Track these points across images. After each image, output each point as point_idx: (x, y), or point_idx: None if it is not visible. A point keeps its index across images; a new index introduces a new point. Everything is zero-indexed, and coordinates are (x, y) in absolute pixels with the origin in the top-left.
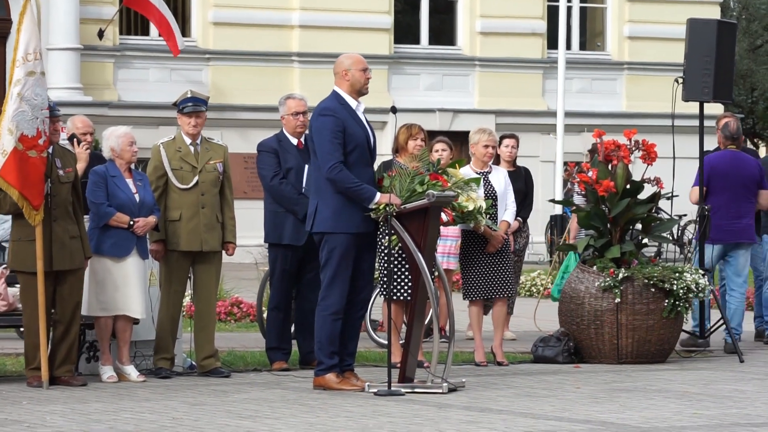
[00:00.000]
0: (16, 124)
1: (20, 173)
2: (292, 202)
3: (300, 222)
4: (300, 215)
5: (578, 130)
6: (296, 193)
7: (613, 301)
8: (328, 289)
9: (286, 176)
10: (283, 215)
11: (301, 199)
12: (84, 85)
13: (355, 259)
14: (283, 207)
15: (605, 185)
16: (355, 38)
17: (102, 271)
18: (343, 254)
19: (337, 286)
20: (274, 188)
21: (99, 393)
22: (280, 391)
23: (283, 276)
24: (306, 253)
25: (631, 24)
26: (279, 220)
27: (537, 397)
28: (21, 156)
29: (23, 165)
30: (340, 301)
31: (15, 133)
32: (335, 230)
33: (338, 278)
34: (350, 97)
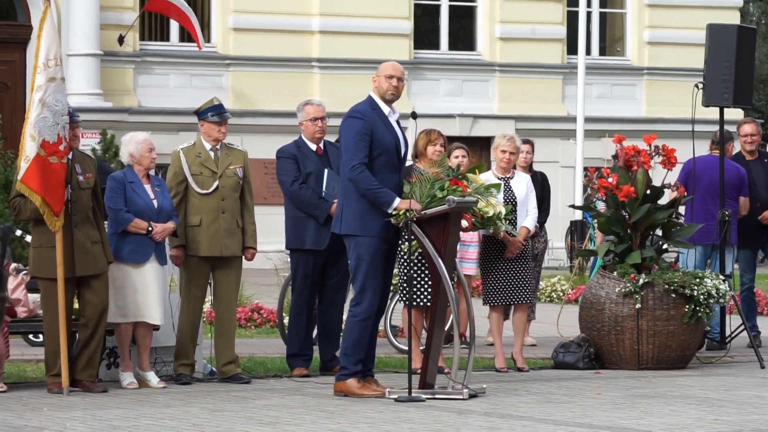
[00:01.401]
0: (38, 130)
1: (42, 179)
2: (312, 206)
3: (321, 226)
4: (321, 219)
5: (598, 136)
6: (316, 197)
7: (633, 306)
8: (361, 295)
9: (305, 181)
10: (305, 220)
11: (322, 204)
12: (104, 91)
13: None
14: (304, 212)
15: (625, 191)
16: (375, 44)
17: (121, 277)
18: (372, 259)
19: (369, 291)
20: (294, 194)
21: (119, 399)
22: (301, 398)
23: (306, 281)
24: (328, 257)
25: (650, 29)
26: (300, 226)
27: (557, 403)
28: (43, 162)
29: (45, 171)
30: (372, 307)
31: (37, 139)
32: (362, 233)
33: (370, 283)
34: (383, 102)
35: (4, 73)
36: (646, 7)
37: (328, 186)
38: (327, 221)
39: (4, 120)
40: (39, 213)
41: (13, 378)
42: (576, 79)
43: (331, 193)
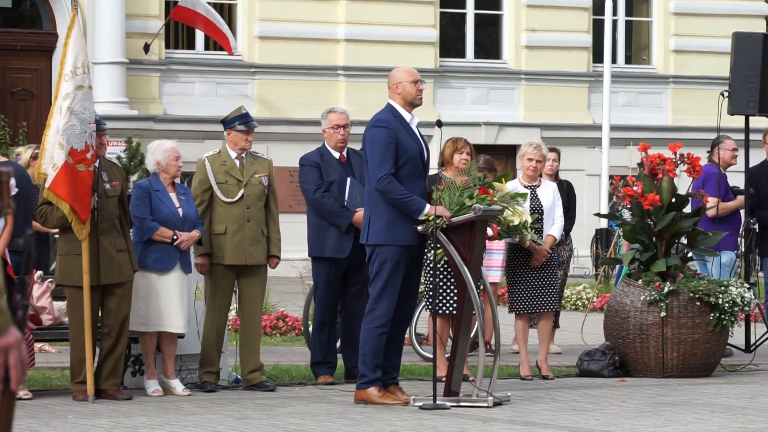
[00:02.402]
0: (67, 138)
1: (71, 187)
2: (334, 215)
3: (343, 234)
4: (343, 228)
5: (624, 144)
6: (339, 206)
7: (658, 314)
8: (376, 301)
9: (328, 189)
10: (326, 228)
11: (344, 212)
12: (130, 99)
13: (403, 272)
14: (326, 220)
15: (650, 199)
16: (401, 52)
17: (145, 285)
18: (394, 267)
19: (386, 299)
20: (316, 201)
21: (144, 407)
22: (325, 405)
23: (327, 289)
24: (351, 266)
25: (676, 38)
26: (322, 234)
27: (582, 411)
28: (71, 170)
29: (73, 179)
30: (387, 315)
31: (65, 147)
32: (387, 242)
33: (387, 291)
34: (404, 109)
35: (30, 81)
36: (671, 15)
37: (350, 195)
38: (349, 229)
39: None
40: (66, 221)
41: (38, 385)
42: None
43: (354, 202)
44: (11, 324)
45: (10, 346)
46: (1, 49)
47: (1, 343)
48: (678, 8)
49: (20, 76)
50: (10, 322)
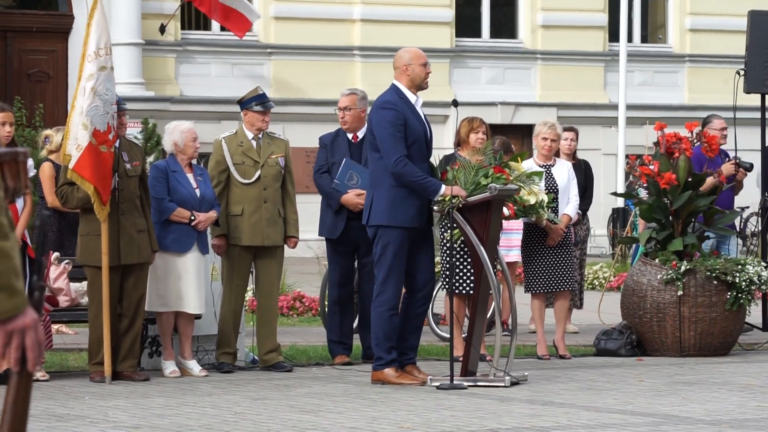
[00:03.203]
0: (90, 119)
1: (95, 168)
2: (327, 195)
3: (335, 215)
4: (333, 208)
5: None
6: (331, 186)
7: (675, 293)
8: (383, 284)
9: (329, 170)
10: (326, 208)
11: (333, 193)
12: (146, 80)
13: (411, 253)
14: (324, 200)
15: (667, 178)
16: (417, 32)
17: (163, 266)
18: (398, 249)
19: (392, 281)
20: (316, 182)
21: (161, 388)
22: (343, 386)
23: (334, 268)
24: (359, 247)
25: (692, 16)
26: (323, 214)
27: (599, 390)
28: (95, 151)
29: (97, 160)
30: (395, 296)
31: (89, 128)
32: (390, 223)
33: (393, 273)
34: (409, 91)
35: (46, 63)
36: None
37: (341, 175)
38: (342, 211)
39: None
40: (86, 201)
41: (55, 367)
42: (618, 67)
43: (345, 183)
44: (28, 305)
45: (26, 327)
46: (18, 30)
47: (17, 324)
48: None
49: (36, 58)
50: (27, 303)
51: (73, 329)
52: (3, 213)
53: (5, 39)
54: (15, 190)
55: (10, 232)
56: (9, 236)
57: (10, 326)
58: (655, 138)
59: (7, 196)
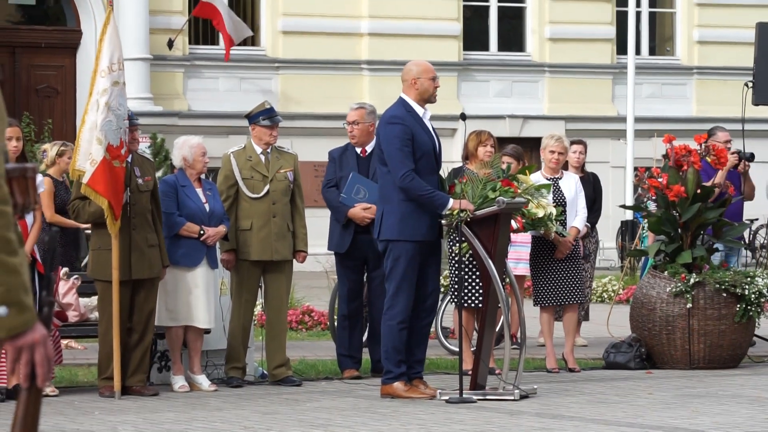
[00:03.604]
0: (105, 134)
1: (108, 183)
2: (334, 209)
3: (343, 229)
4: (340, 222)
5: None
6: (338, 200)
7: (684, 306)
8: (394, 298)
9: (337, 184)
10: (334, 222)
11: (340, 207)
12: (154, 95)
13: (420, 267)
14: (332, 214)
15: (676, 190)
16: (424, 45)
17: (172, 280)
18: (409, 263)
19: (403, 294)
20: (323, 196)
21: (171, 403)
22: (352, 400)
23: (343, 282)
24: (367, 260)
25: (700, 28)
26: (332, 228)
27: (609, 404)
28: (109, 165)
29: (110, 174)
30: (405, 310)
31: (103, 142)
32: (401, 238)
33: (404, 287)
34: (417, 104)
35: (55, 78)
36: (695, 6)
37: (348, 189)
38: (349, 225)
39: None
40: (98, 216)
41: (64, 382)
42: (626, 79)
43: (352, 197)
44: (37, 321)
45: (36, 343)
46: (26, 46)
47: (27, 339)
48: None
49: (45, 74)
50: (36, 318)
51: (82, 344)
52: (12, 229)
53: (14, 54)
54: (24, 205)
55: (19, 247)
56: (18, 252)
57: (19, 342)
58: (663, 150)
59: (16, 211)
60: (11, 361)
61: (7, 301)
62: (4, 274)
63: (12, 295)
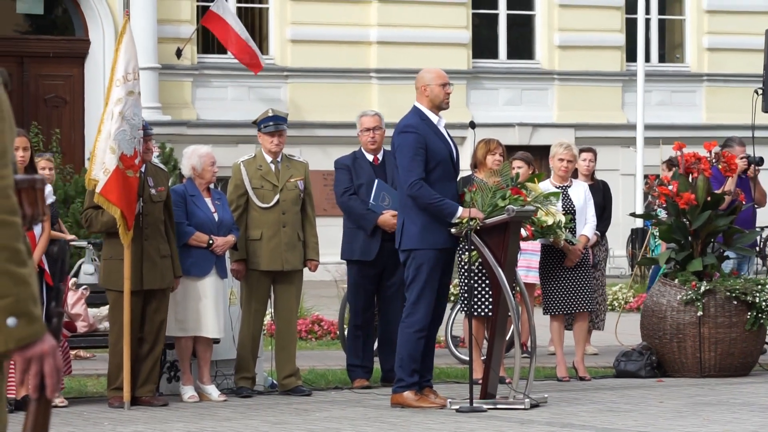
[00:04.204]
0: (118, 143)
1: (122, 192)
2: (360, 217)
3: (369, 237)
4: (368, 230)
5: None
6: (364, 208)
7: (695, 314)
8: (414, 306)
9: (356, 192)
10: (356, 231)
11: (369, 215)
12: (162, 104)
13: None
14: (354, 223)
15: (686, 198)
16: (434, 53)
17: (181, 290)
18: (431, 271)
19: (424, 303)
20: (343, 204)
21: (180, 413)
22: (362, 409)
23: (359, 292)
24: (384, 269)
25: (710, 35)
26: (352, 236)
27: (619, 412)
28: (122, 175)
29: (124, 184)
30: (425, 319)
31: (117, 152)
32: (423, 246)
33: (425, 295)
34: (431, 112)
35: (63, 88)
36: (705, 13)
37: (376, 196)
38: (375, 232)
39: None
40: (110, 226)
41: (73, 393)
42: (635, 87)
43: (380, 204)
44: (46, 331)
45: (45, 354)
46: (34, 56)
47: (36, 350)
48: (711, 6)
49: (53, 83)
50: (45, 329)
51: (91, 352)
52: (21, 239)
53: (21, 64)
54: (32, 216)
55: (28, 258)
56: (27, 263)
57: (28, 353)
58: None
59: (24, 222)
60: (20, 372)
61: (16, 311)
62: (13, 285)
63: (21, 305)
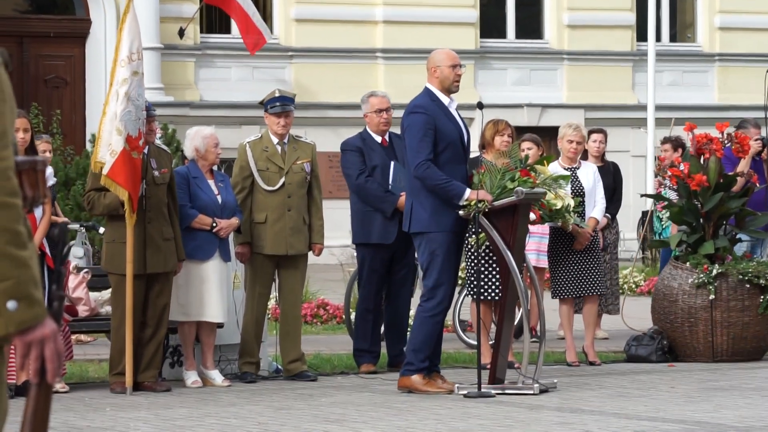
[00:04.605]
0: (124, 124)
1: (129, 174)
2: (378, 200)
3: (388, 220)
4: (388, 213)
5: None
6: (382, 190)
7: (707, 297)
8: (433, 290)
9: (371, 174)
10: (371, 214)
11: (388, 197)
12: (165, 85)
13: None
14: (370, 206)
15: (697, 179)
16: (440, 33)
17: (184, 274)
18: (446, 254)
19: (443, 287)
20: (360, 187)
21: (183, 398)
22: (368, 395)
23: (372, 276)
24: (396, 252)
25: (722, 14)
26: (367, 219)
27: (630, 397)
28: (128, 156)
29: (130, 165)
30: (444, 302)
31: (123, 133)
32: (434, 229)
33: (444, 279)
34: (442, 93)
35: (63, 68)
36: None
37: (394, 179)
38: (394, 215)
39: (63, 116)
40: (113, 208)
41: (75, 378)
42: (646, 67)
43: (398, 186)
44: (47, 315)
45: (46, 338)
46: (34, 36)
47: (36, 334)
48: None
49: (53, 63)
50: (46, 313)
51: (92, 335)
52: (21, 222)
53: (21, 44)
54: (33, 199)
55: (29, 241)
56: (27, 245)
57: (29, 337)
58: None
59: (25, 205)
60: (21, 357)
61: (17, 294)
62: (13, 268)
63: (21, 288)
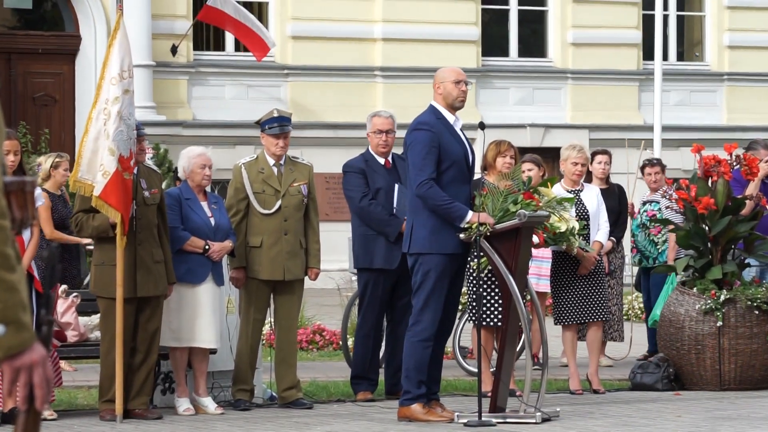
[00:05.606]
0: (117, 144)
1: (121, 195)
2: (383, 223)
3: (392, 244)
4: (392, 237)
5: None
6: (387, 214)
7: (714, 324)
8: (421, 314)
9: (375, 197)
10: (374, 238)
11: (393, 221)
12: (157, 104)
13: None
14: (374, 229)
15: (705, 202)
16: (441, 51)
17: (176, 298)
18: (439, 277)
19: (430, 311)
20: (363, 210)
21: (175, 426)
22: (365, 423)
23: (374, 302)
24: (399, 277)
25: (730, 32)
26: (369, 244)
27: (635, 427)
28: (120, 177)
29: (122, 186)
30: (431, 327)
31: (116, 153)
32: (432, 251)
33: (432, 302)
34: (447, 111)
35: (53, 86)
36: (725, 9)
37: (399, 202)
38: (398, 239)
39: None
40: (102, 230)
41: (63, 405)
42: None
43: (402, 209)
44: (36, 340)
45: (34, 364)
46: (22, 52)
47: (25, 360)
48: (732, 2)
49: (42, 81)
50: (35, 338)
51: (73, 365)
52: (9, 244)
53: (9, 61)
54: (22, 220)
55: (17, 264)
56: (16, 269)
57: (17, 362)
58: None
59: (13, 227)
60: (8, 383)
61: (5, 319)
62: (1, 291)
63: (9, 313)
